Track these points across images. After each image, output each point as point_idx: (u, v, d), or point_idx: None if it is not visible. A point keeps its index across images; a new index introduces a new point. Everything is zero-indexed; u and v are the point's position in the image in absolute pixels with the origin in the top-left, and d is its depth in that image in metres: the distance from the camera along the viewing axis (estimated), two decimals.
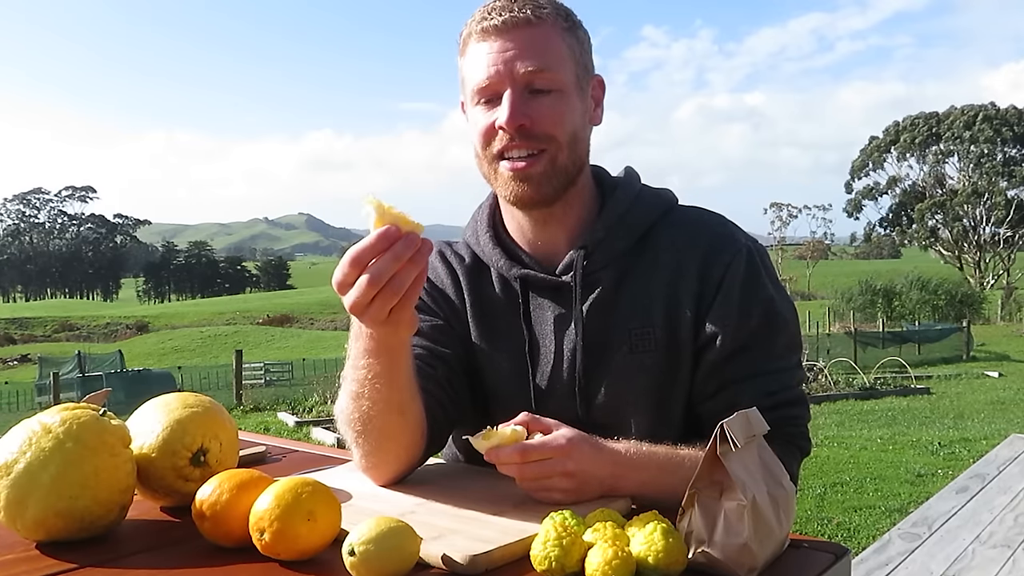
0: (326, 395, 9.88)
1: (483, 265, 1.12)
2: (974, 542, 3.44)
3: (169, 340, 31.98)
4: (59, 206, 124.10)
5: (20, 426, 0.81)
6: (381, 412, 0.92)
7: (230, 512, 0.77)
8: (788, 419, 0.99)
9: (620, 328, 1.03)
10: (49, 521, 0.78)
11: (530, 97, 0.98)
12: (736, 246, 1.03)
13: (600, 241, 1.05)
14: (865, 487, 5.24)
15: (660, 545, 0.70)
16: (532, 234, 1.08)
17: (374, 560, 0.69)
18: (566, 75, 0.99)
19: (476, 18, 1.00)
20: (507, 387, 1.07)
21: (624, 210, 1.06)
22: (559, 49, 0.99)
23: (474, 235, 1.13)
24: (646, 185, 1.11)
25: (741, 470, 0.73)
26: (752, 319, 1.00)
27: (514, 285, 1.08)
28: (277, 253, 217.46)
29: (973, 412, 9.36)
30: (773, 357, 1.01)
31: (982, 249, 48.61)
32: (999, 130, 47.27)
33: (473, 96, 1.01)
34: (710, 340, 1.01)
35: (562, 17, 1.01)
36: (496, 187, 1.04)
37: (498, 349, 1.08)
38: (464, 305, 1.10)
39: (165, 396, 0.94)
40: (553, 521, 0.73)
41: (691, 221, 1.07)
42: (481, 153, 1.02)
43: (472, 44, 1.01)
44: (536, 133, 0.98)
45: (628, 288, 1.04)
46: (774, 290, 1.03)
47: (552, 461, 0.86)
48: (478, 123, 1.01)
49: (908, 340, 17.68)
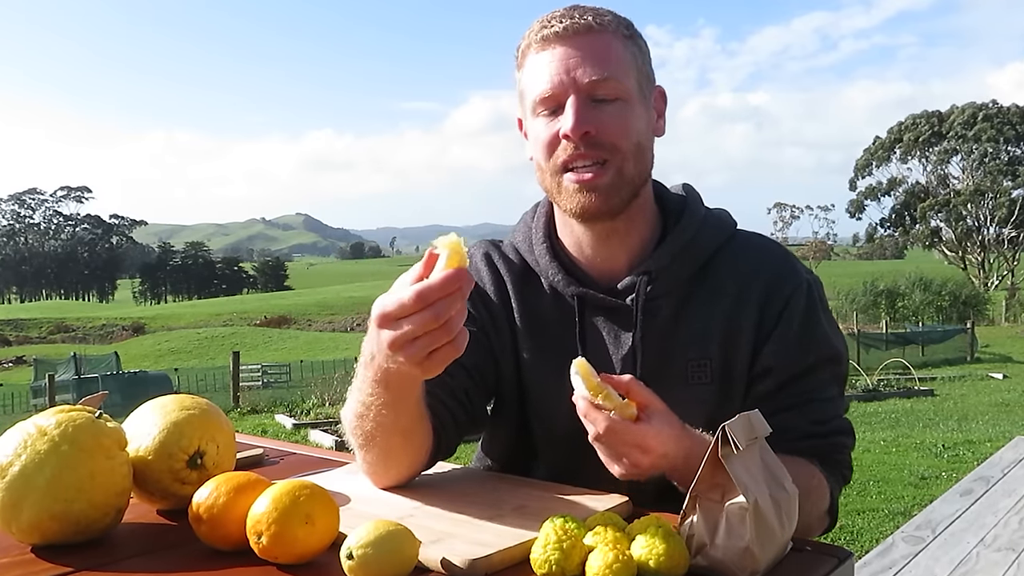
0: (324, 397, 9.88)
1: (532, 274, 1.09)
2: (978, 545, 3.43)
3: (166, 341, 31.98)
4: (54, 206, 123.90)
5: (15, 428, 0.81)
6: (384, 433, 0.90)
7: (227, 515, 0.76)
8: (837, 447, 1.01)
9: (678, 358, 1.02)
10: (44, 524, 0.77)
11: (594, 106, 0.96)
12: (798, 280, 1.03)
13: (665, 268, 1.02)
14: (868, 490, 5.23)
15: (661, 548, 0.69)
16: (591, 250, 1.05)
17: (372, 564, 0.69)
18: (629, 83, 0.98)
19: (535, 28, 0.98)
20: (552, 403, 1.02)
21: (690, 237, 1.04)
22: (622, 57, 0.98)
23: (526, 242, 1.10)
24: (709, 208, 1.09)
25: (743, 472, 0.72)
26: (810, 355, 1.01)
27: (570, 302, 1.05)
28: (275, 254, 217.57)
29: (977, 414, 9.33)
30: (822, 387, 1.02)
31: (986, 249, 48.53)
32: (1001, 129, 47.21)
33: (535, 107, 0.99)
34: (765, 372, 1.01)
35: (623, 26, 1.00)
36: (559, 200, 1.01)
37: (545, 363, 1.05)
38: (510, 312, 1.08)
39: (162, 398, 0.93)
40: (553, 524, 0.73)
41: (754, 249, 1.06)
42: (544, 165, 0.99)
43: (532, 55, 0.99)
44: (601, 142, 0.96)
45: (688, 317, 1.03)
46: (829, 326, 1.04)
47: (628, 448, 0.84)
48: (540, 134, 0.99)
49: (911, 341, 17.64)
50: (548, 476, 1.04)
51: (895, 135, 50.91)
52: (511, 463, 1.11)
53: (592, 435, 0.85)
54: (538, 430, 1.07)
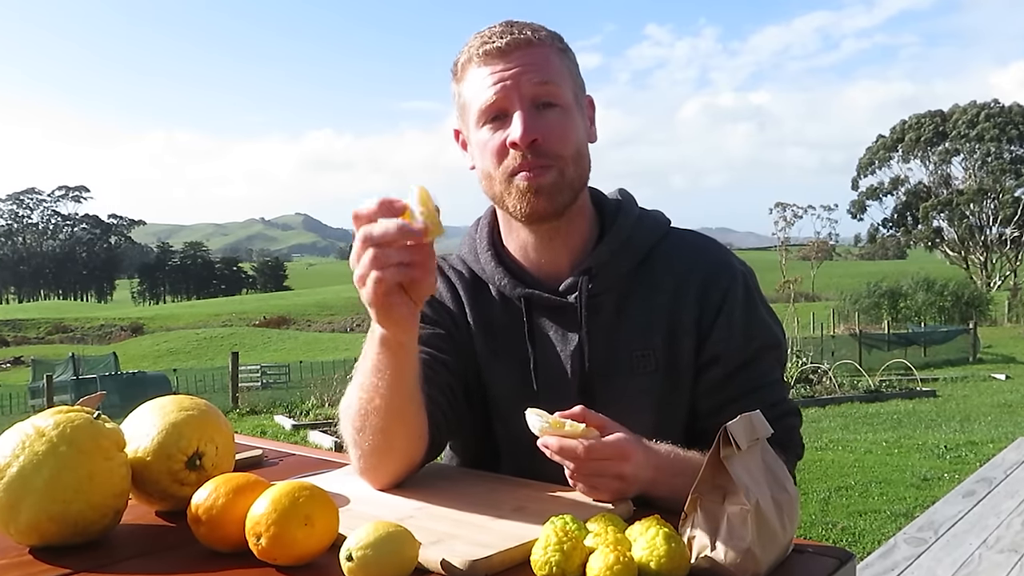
0: (323, 398, 9.88)
1: (481, 283, 1.13)
2: (981, 547, 3.42)
3: (164, 342, 31.96)
4: (52, 206, 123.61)
5: (13, 429, 0.80)
6: (379, 411, 0.92)
7: (226, 517, 0.76)
8: (788, 428, 1.07)
9: (623, 350, 1.07)
10: (42, 525, 0.77)
11: (538, 113, 1.01)
12: (732, 272, 1.09)
13: (604, 264, 1.07)
14: (870, 491, 5.22)
15: (662, 550, 0.69)
16: (535, 253, 1.10)
17: (372, 565, 0.68)
18: (567, 92, 1.03)
19: (475, 44, 1.03)
20: (510, 403, 1.08)
21: (628, 234, 1.09)
22: (559, 67, 1.03)
23: (472, 252, 1.15)
24: (643, 208, 1.15)
25: (744, 474, 0.72)
26: (753, 341, 1.07)
27: (517, 304, 1.09)
28: (274, 254, 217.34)
29: (980, 415, 9.31)
30: (768, 372, 1.08)
31: (989, 249, 48.46)
32: (1004, 128, 47.15)
33: (479, 117, 1.03)
34: (713, 361, 1.06)
35: (556, 39, 1.05)
36: (509, 204, 1.04)
37: (501, 365, 1.10)
38: (466, 319, 1.12)
39: (160, 399, 0.93)
40: (554, 526, 0.72)
41: (688, 245, 1.11)
42: (494, 173, 1.04)
43: (473, 68, 1.03)
44: (546, 150, 1.01)
45: (629, 311, 1.08)
46: (766, 312, 1.10)
47: (611, 463, 0.88)
48: (487, 143, 1.03)
49: (913, 342, 17.62)
50: (514, 475, 1.06)
51: (897, 135, 50.87)
52: (476, 464, 1.15)
53: (571, 470, 0.89)
54: (500, 431, 1.11)
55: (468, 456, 1.18)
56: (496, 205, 1.10)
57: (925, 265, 36.68)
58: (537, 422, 0.89)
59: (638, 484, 0.90)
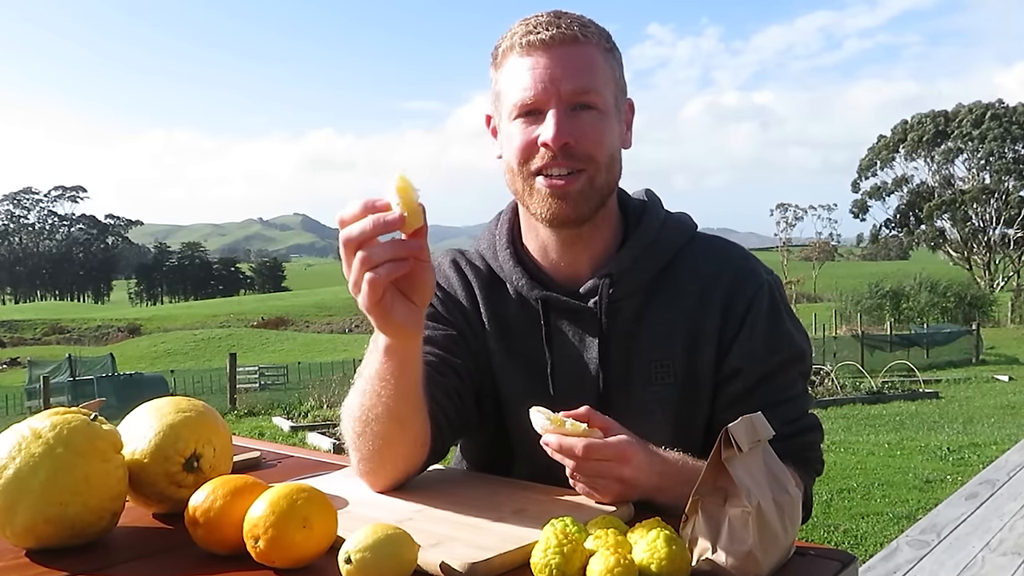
0: (322, 399, 9.88)
1: (499, 280, 1.10)
2: (984, 549, 3.41)
3: (162, 343, 31.99)
4: (49, 206, 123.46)
5: (10, 431, 0.80)
6: (380, 417, 0.91)
7: (224, 519, 0.76)
8: (808, 445, 1.04)
9: (641, 359, 1.04)
10: (39, 528, 0.77)
11: (573, 115, 0.97)
12: (758, 281, 1.05)
13: (626, 270, 1.04)
14: (872, 493, 5.21)
15: (663, 552, 0.68)
16: (556, 255, 1.07)
17: (371, 568, 0.68)
18: (607, 96, 0.99)
19: (518, 32, 0.99)
20: (523, 405, 1.04)
21: (652, 239, 1.06)
22: (602, 69, 0.99)
23: (491, 249, 1.12)
24: (669, 211, 1.11)
25: (746, 476, 0.71)
26: (776, 354, 1.03)
27: (535, 305, 1.07)
28: (272, 254, 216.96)
29: (982, 417, 9.30)
30: (791, 386, 1.04)
31: (992, 250, 48.37)
32: (1008, 128, 47.07)
33: (512, 110, 1.00)
34: (734, 373, 1.03)
35: (604, 38, 1.01)
36: (529, 203, 1.02)
37: (515, 366, 1.08)
38: (480, 317, 1.10)
39: (157, 400, 0.92)
40: (554, 528, 0.72)
41: (714, 251, 1.08)
42: (517, 169, 1.01)
43: (513, 57, 0.99)
44: (578, 153, 0.97)
45: (650, 318, 1.04)
46: (791, 324, 1.06)
47: (611, 464, 0.87)
48: (516, 138, 0.99)
49: (916, 343, 17.61)
50: (526, 477, 1.05)
51: (899, 134, 50.79)
52: (489, 465, 1.13)
53: (571, 468, 0.88)
54: (513, 431, 1.09)
55: (481, 458, 1.16)
56: (517, 200, 1.07)
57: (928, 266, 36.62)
58: (540, 420, 0.89)
59: (640, 488, 0.89)
